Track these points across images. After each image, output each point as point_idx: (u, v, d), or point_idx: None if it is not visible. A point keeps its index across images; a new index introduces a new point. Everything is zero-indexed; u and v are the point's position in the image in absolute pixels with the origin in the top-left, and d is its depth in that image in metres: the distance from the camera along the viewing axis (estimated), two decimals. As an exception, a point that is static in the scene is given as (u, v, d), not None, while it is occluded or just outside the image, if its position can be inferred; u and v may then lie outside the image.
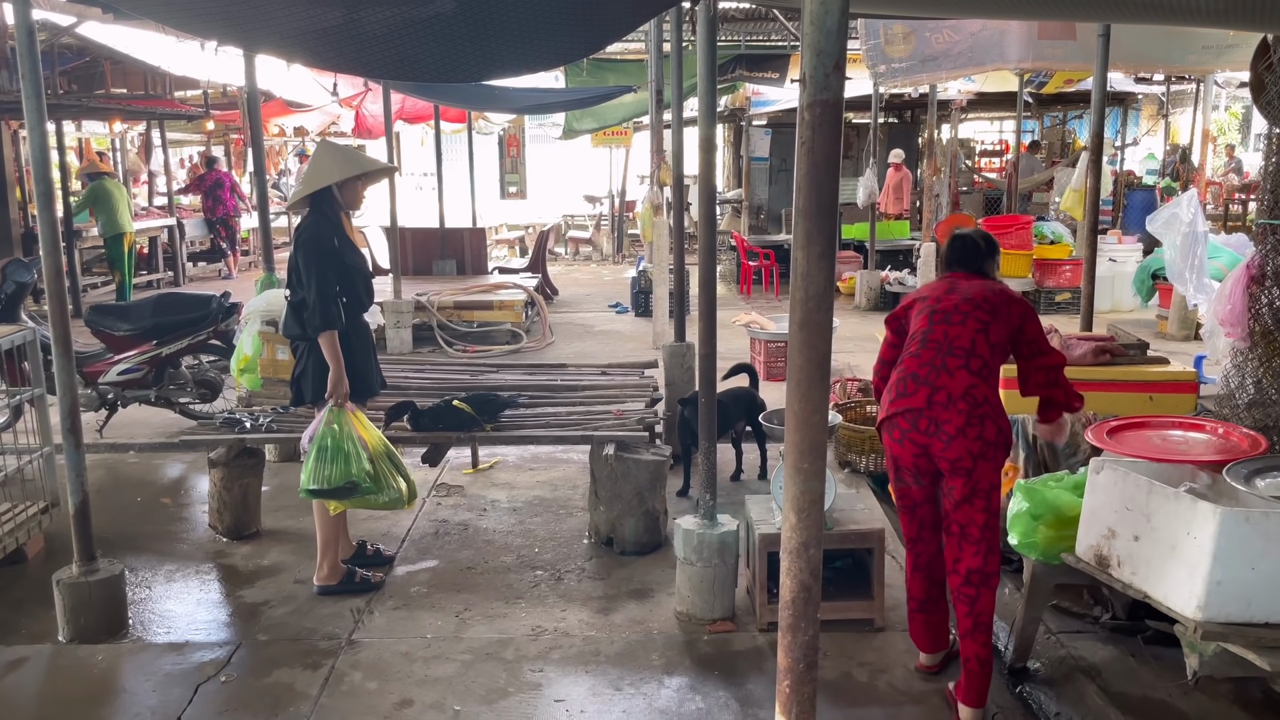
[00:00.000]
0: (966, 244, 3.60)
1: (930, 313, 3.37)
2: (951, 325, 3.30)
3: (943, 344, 3.28)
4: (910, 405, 3.24)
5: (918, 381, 3.25)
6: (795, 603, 1.72)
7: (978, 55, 8.72)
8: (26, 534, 4.63)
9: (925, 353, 3.29)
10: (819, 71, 1.54)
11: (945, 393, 3.20)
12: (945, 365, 3.23)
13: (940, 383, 3.21)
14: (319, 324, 3.98)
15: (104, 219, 11.41)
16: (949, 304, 3.37)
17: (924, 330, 3.35)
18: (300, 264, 4.00)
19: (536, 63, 4.28)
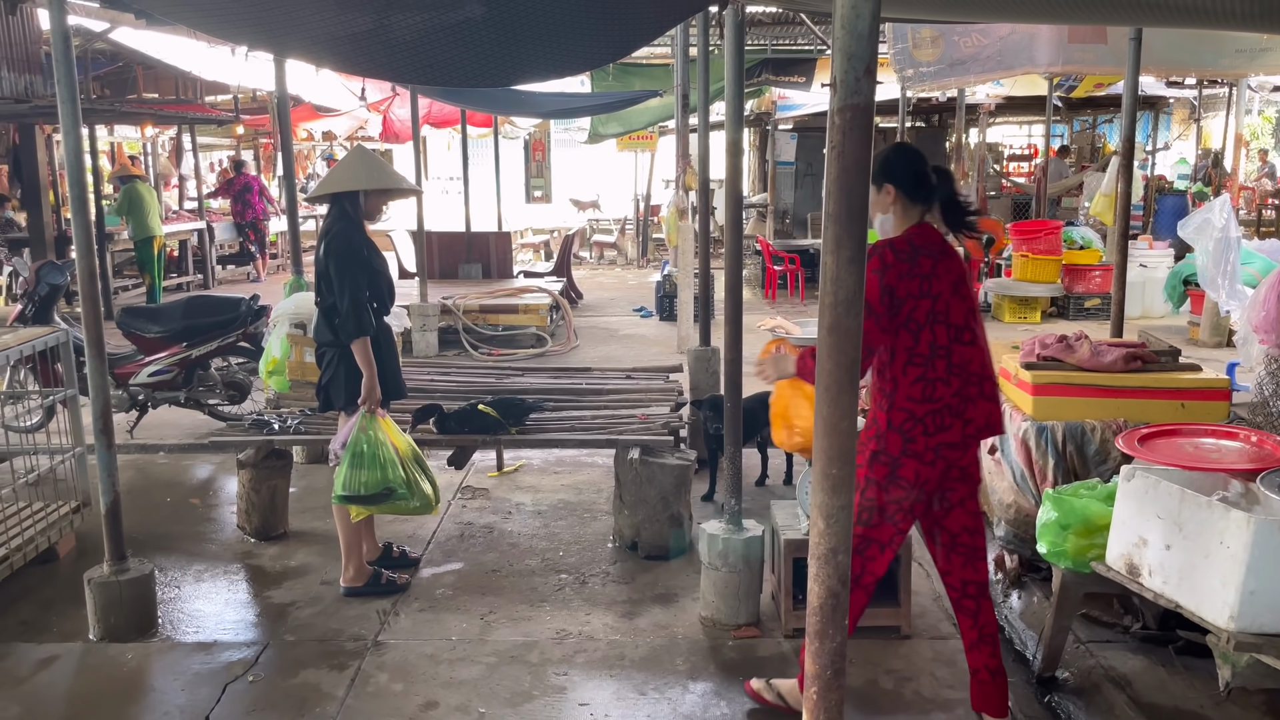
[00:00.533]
0: (948, 176, 3.18)
1: (947, 325, 3.03)
2: (965, 345, 3.06)
3: (965, 367, 3.06)
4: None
5: (953, 415, 3.04)
6: (823, 609, 1.71)
7: (1007, 59, 8.66)
8: (58, 533, 4.69)
9: (954, 379, 3.04)
10: (850, 76, 1.54)
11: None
12: (968, 394, 3.07)
13: (970, 414, 3.07)
14: (353, 331, 4.00)
15: (135, 222, 11.54)
16: (959, 315, 3.04)
17: (945, 348, 3.02)
18: (333, 270, 4.01)
19: (564, 68, 4.29)
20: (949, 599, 3.28)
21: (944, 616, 4.04)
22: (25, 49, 10.89)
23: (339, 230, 4.06)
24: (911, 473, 3.04)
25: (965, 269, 3.14)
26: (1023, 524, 4.33)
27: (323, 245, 4.09)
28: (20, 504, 4.71)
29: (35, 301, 6.59)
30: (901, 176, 3.08)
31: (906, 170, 3.09)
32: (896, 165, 3.11)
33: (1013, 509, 4.39)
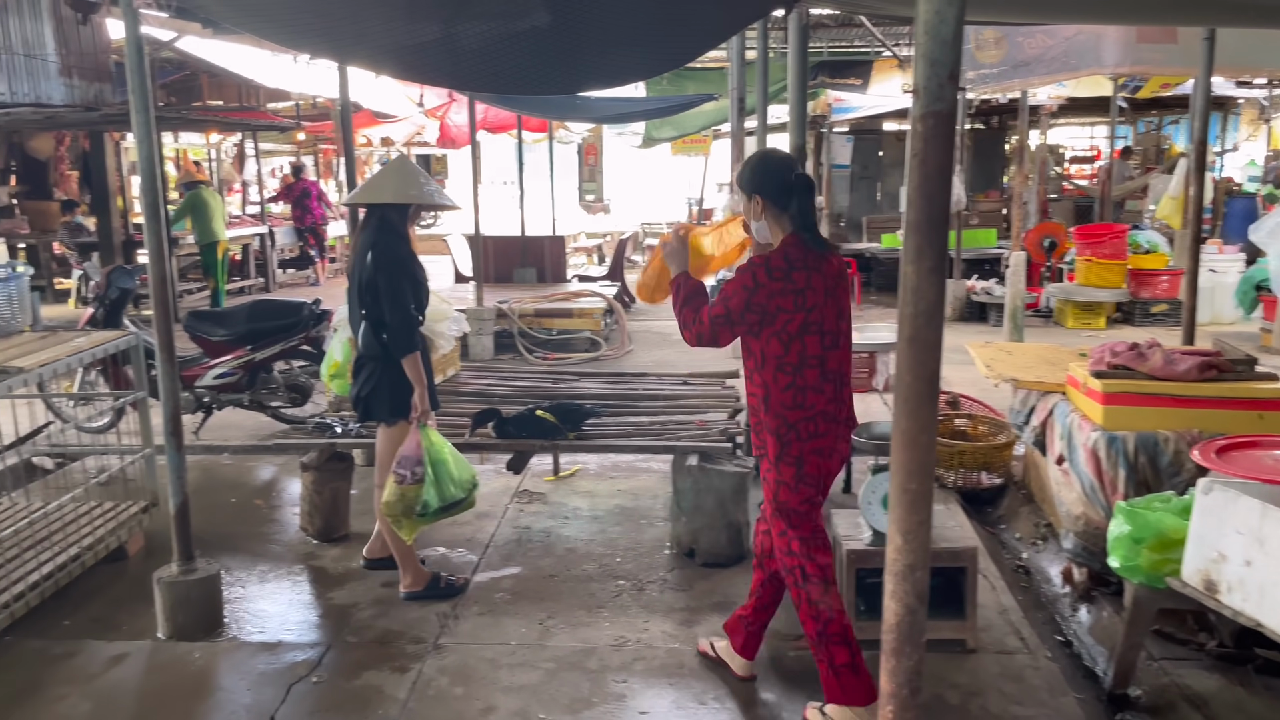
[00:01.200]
0: (807, 184, 3.17)
1: (820, 333, 3.12)
2: (836, 350, 3.18)
3: (837, 374, 3.20)
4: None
5: (828, 420, 3.19)
6: (900, 627, 1.67)
7: (1072, 60, 8.49)
8: (128, 532, 4.79)
9: (828, 386, 3.16)
10: (933, 82, 1.50)
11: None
12: (842, 398, 3.24)
13: (845, 416, 3.27)
14: (405, 347, 4.01)
15: (199, 227, 11.78)
16: (832, 320, 3.14)
17: (819, 357, 3.12)
18: (382, 285, 3.99)
19: (627, 75, 4.30)
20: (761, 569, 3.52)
21: (1010, 630, 3.95)
22: (95, 58, 11.22)
23: (387, 244, 4.03)
24: (814, 468, 3.19)
25: (842, 268, 3.20)
26: (1092, 536, 4.23)
27: (369, 256, 4.03)
28: (91, 503, 4.83)
29: (106, 305, 6.75)
30: (766, 186, 3.12)
31: (770, 179, 3.13)
32: (760, 175, 3.14)
33: (1081, 520, 4.29)
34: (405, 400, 4.12)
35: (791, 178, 3.13)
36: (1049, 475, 4.82)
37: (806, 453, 3.15)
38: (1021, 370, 5.09)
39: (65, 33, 10.71)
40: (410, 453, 4.06)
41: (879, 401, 7.54)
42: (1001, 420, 5.77)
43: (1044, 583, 4.59)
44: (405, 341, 4.02)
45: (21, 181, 13.80)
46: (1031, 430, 4.99)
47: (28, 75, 10.14)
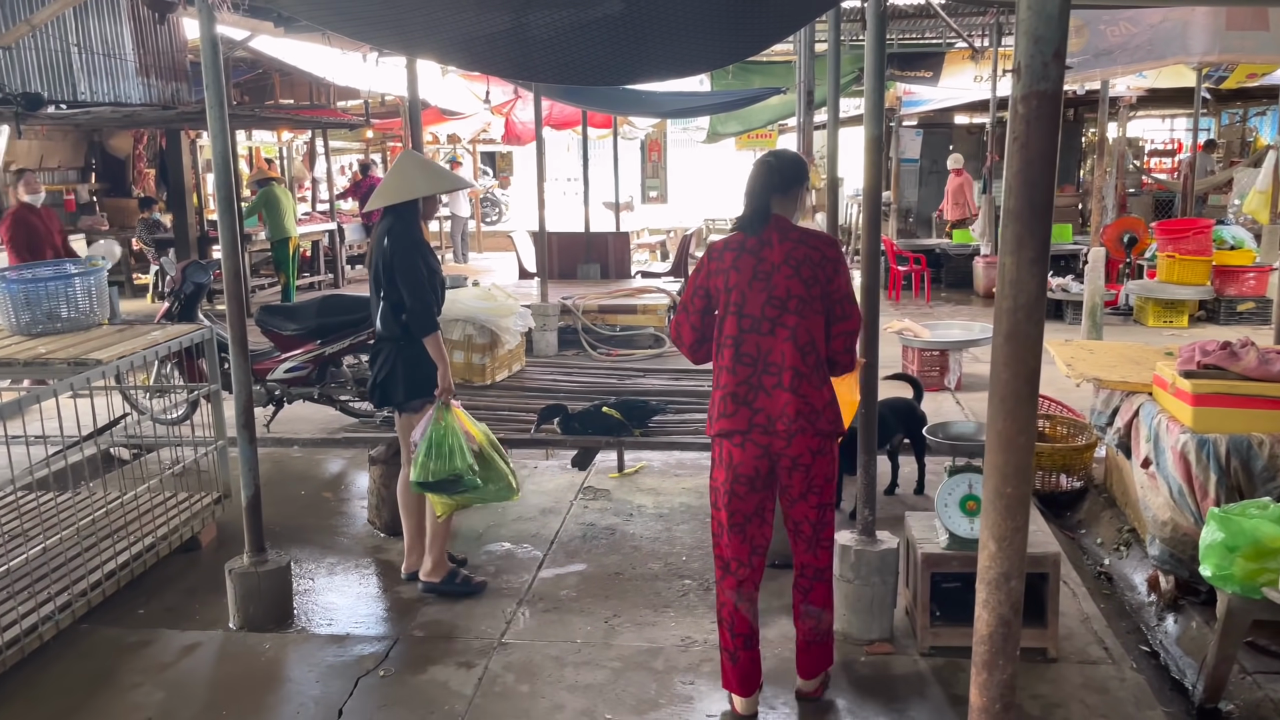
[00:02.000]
0: (768, 171, 3.22)
1: (739, 315, 3.14)
2: (762, 336, 3.14)
3: (757, 358, 3.14)
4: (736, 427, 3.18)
5: (737, 402, 3.15)
6: (993, 638, 1.59)
7: (1157, 48, 8.18)
8: (201, 523, 4.86)
9: (741, 369, 3.15)
10: (1037, 60, 1.41)
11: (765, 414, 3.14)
12: (763, 385, 3.14)
13: (761, 403, 3.14)
14: (425, 327, 4.02)
15: (271, 223, 11.99)
16: (754, 305, 3.12)
17: (734, 338, 3.15)
18: (399, 266, 4.02)
19: (696, 65, 4.23)
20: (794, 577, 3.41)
21: (1093, 639, 3.80)
22: (172, 57, 11.48)
23: (401, 229, 4.07)
24: (725, 454, 3.20)
25: (788, 257, 3.14)
26: (1180, 543, 4.05)
27: (385, 243, 4.07)
28: (166, 494, 4.91)
29: (181, 300, 6.88)
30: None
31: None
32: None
33: (1169, 527, 4.11)
34: (421, 383, 4.12)
35: (753, 169, 3.28)
36: (1133, 479, 4.63)
37: (719, 434, 3.21)
38: (1104, 369, 4.91)
39: (143, 33, 10.97)
40: (421, 427, 4.09)
41: (951, 400, 7.36)
42: (1081, 421, 5.58)
43: (1127, 590, 4.42)
44: (426, 321, 4.03)
45: (101, 179, 14.21)
46: (1115, 432, 4.81)
47: (107, 75, 10.40)
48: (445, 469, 4.03)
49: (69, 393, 3.97)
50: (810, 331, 3.14)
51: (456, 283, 6.91)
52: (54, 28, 9.60)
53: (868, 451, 3.84)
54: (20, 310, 5.06)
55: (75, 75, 9.95)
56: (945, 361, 7.68)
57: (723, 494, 3.25)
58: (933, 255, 13.07)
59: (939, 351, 7.68)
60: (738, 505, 3.23)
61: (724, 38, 3.39)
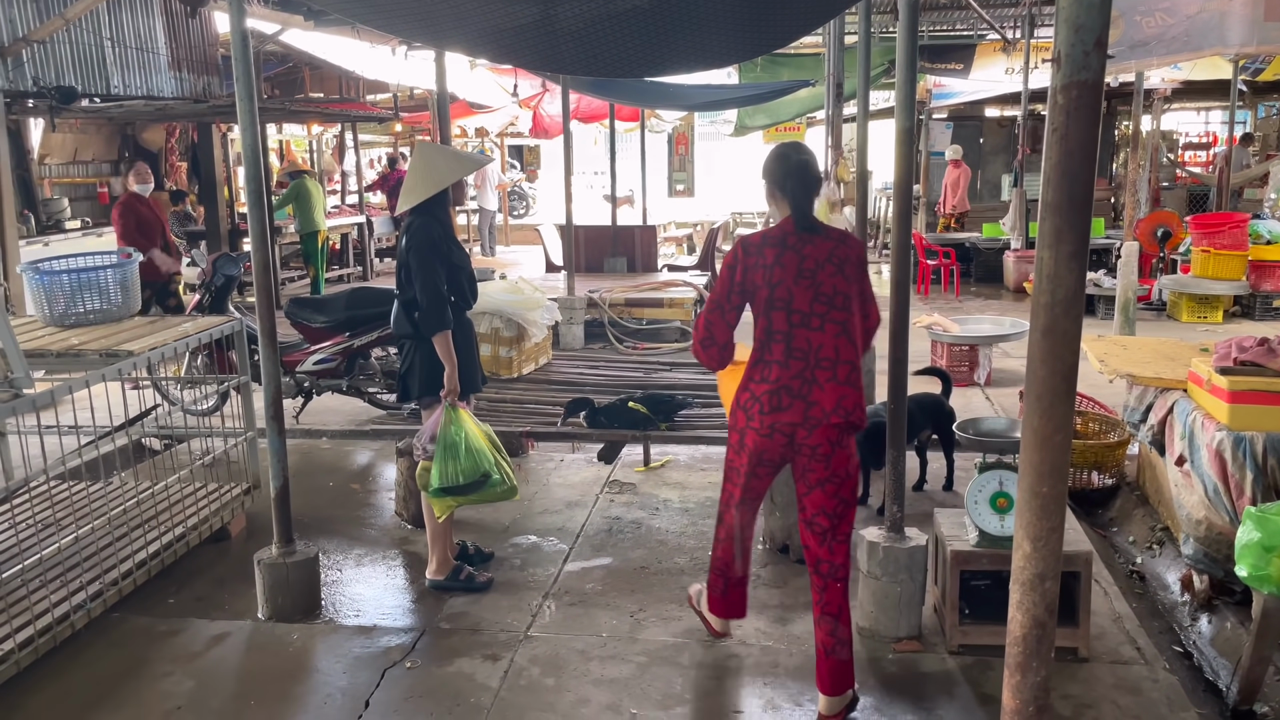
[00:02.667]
0: (810, 175, 3.29)
1: (787, 310, 3.19)
2: (812, 331, 3.20)
3: (808, 352, 3.20)
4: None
5: (792, 395, 3.20)
6: (1027, 640, 1.56)
7: (1194, 39, 8.04)
8: (230, 513, 4.90)
9: (794, 363, 3.20)
10: (1077, 49, 1.38)
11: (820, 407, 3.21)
12: (816, 379, 3.20)
13: (815, 396, 3.20)
14: (434, 325, 4.01)
15: (301, 216, 12.06)
16: (803, 301, 3.18)
17: (784, 333, 3.19)
18: (412, 264, 4.03)
19: (727, 57, 4.20)
20: (810, 571, 3.38)
21: (1125, 639, 3.75)
22: (203, 51, 11.56)
23: (419, 226, 4.06)
24: (751, 443, 3.27)
25: (841, 251, 3.25)
26: (1214, 543, 3.99)
27: (403, 240, 4.10)
28: (196, 484, 4.95)
29: (211, 292, 6.94)
30: (771, 174, 3.34)
31: (773, 168, 3.34)
32: (768, 164, 3.36)
33: (1203, 526, 4.04)
34: (436, 380, 4.11)
35: (785, 165, 3.31)
36: (1167, 476, 4.56)
37: (765, 427, 3.22)
38: (1138, 365, 4.83)
39: (175, 27, 11.06)
40: (428, 429, 4.08)
41: (980, 396, 7.29)
42: (1114, 418, 5.50)
43: (1160, 590, 4.36)
44: (435, 320, 4.01)
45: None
46: (1148, 429, 4.74)
47: (140, 69, 10.50)
48: (472, 470, 4.03)
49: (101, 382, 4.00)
50: (853, 327, 3.24)
51: (484, 276, 6.91)
52: (87, 22, 9.70)
53: (896, 447, 3.80)
54: (53, 301, 5.12)
55: (108, 69, 10.05)
56: (975, 357, 7.61)
57: (743, 474, 3.36)
58: (962, 249, 12.95)
59: (968, 346, 7.61)
60: (755, 485, 3.40)
61: (753, 29, 3.36)
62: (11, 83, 8.74)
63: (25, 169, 11.48)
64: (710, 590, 3.69)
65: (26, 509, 4.62)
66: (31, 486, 4.83)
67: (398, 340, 4.32)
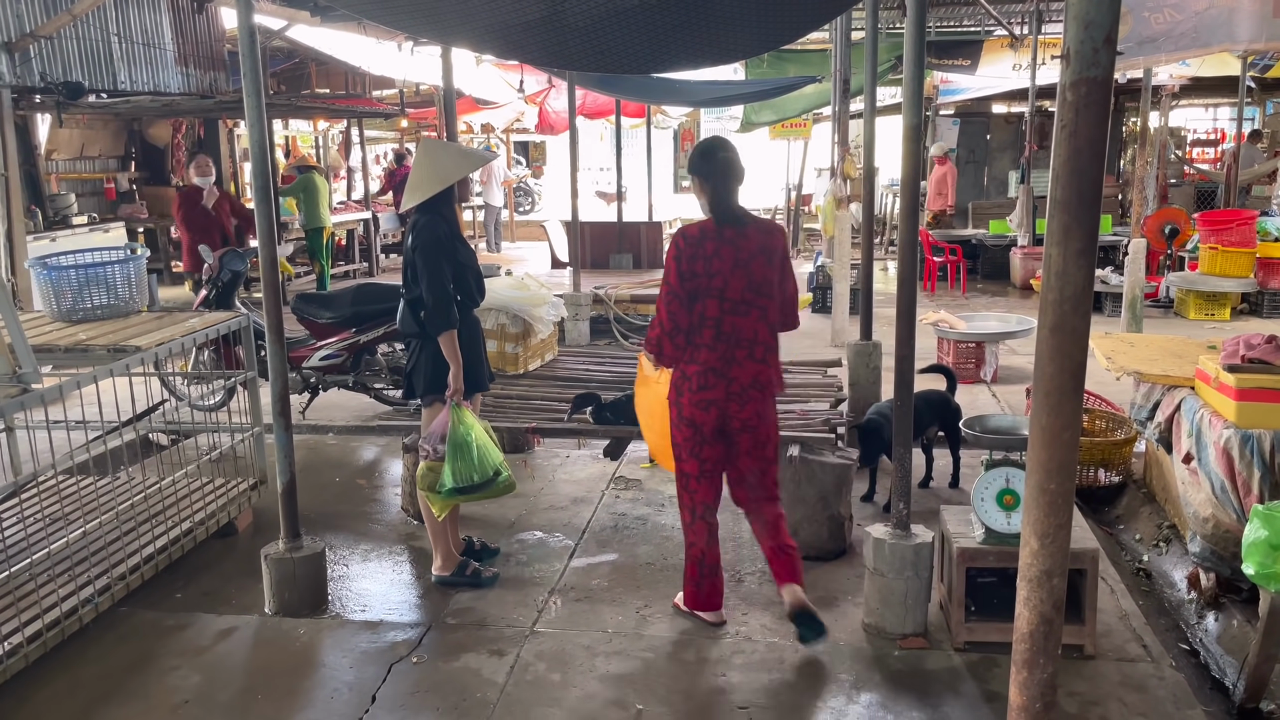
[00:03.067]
0: (734, 168, 3.62)
1: (720, 299, 3.54)
2: (739, 316, 3.57)
3: (733, 335, 3.59)
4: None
5: (717, 375, 3.61)
6: (1034, 636, 1.56)
7: (1202, 35, 7.99)
8: (237, 508, 4.92)
9: (720, 345, 3.59)
10: (1087, 46, 1.37)
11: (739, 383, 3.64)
12: (735, 358, 3.61)
13: (734, 374, 3.62)
14: (439, 324, 4.00)
15: (307, 212, 12.07)
16: (735, 290, 3.53)
17: (715, 319, 3.56)
18: (419, 263, 4.01)
19: (734, 53, 4.19)
20: (751, 523, 3.91)
21: (1131, 637, 3.75)
22: (210, 47, 11.58)
23: (425, 224, 4.05)
24: (689, 414, 3.67)
25: (768, 241, 3.61)
26: (1222, 540, 3.98)
27: (409, 238, 4.08)
28: (203, 479, 4.97)
29: (218, 287, 6.95)
30: (696, 168, 3.65)
31: (698, 162, 3.65)
32: (693, 158, 3.68)
33: (1210, 523, 4.03)
34: (442, 379, 4.10)
35: (711, 161, 3.62)
36: (1174, 474, 4.55)
37: (693, 404, 3.64)
38: (1145, 363, 4.82)
39: (181, 22, 11.08)
40: (436, 429, 4.06)
41: (987, 393, 7.28)
42: (1120, 415, 5.50)
43: (1167, 587, 4.35)
44: (441, 319, 4.00)
45: (141, 168, 14.37)
46: (1155, 426, 4.73)
47: (146, 64, 10.52)
48: (486, 468, 4.03)
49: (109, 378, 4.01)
50: (773, 311, 3.65)
51: (490, 272, 6.91)
52: (95, 17, 9.71)
53: (904, 444, 3.80)
54: (61, 297, 5.13)
55: (115, 64, 10.07)
56: (981, 354, 7.60)
57: (690, 447, 3.73)
58: (969, 246, 12.92)
59: (975, 344, 7.60)
60: (708, 453, 3.74)
61: (760, 25, 3.35)
62: (19, 78, 8.76)
63: (32, 164, 11.50)
64: (688, 584, 3.93)
65: (35, 504, 4.64)
66: (39, 481, 4.84)
67: (404, 338, 4.31)
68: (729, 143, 3.74)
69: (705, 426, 3.67)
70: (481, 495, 4.13)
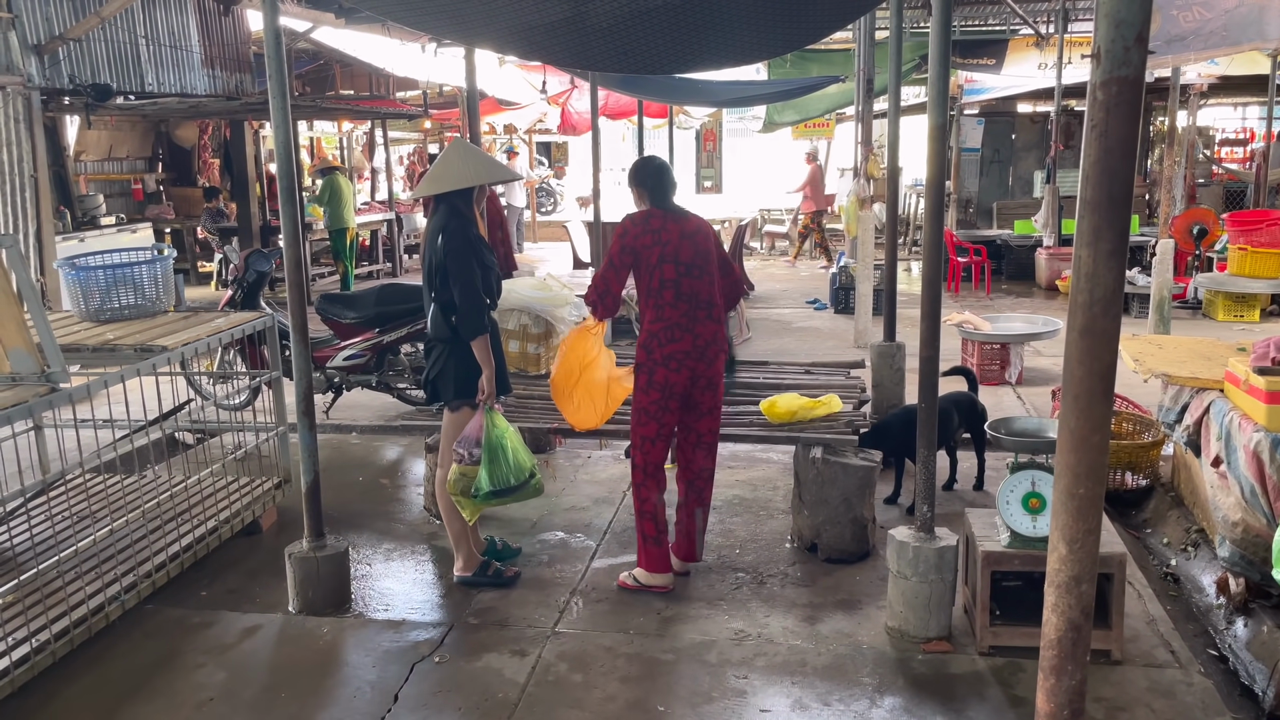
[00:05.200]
0: (668, 176, 4.21)
1: (675, 263, 4.06)
2: (695, 280, 4.08)
3: (693, 296, 4.08)
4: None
5: (683, 330, 4.07)
6: (1062, 643, 1.54)
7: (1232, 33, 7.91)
8: (262, 507, 4.95)
9: (682, 304, 4.06)
10: (1118, 45, 1.36)
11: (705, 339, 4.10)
12: (698, 317, 4.08)
13: (699, 330, 4.08)
14: (475, 328, 3.98)
15: (332, 212, 12.15)
16: (687, 255, 4.07)
17: (674, 280, 4.06)
18: (451, 268, 3.98)
19: (757, 53, 4.19)
20: (683, 479, 4.33)
21: (1159, 642, 3.71)
22: (236, 49, 11.67)
23: (455, 228, 4.02)
24: (661, 378, 4.08)
25: (702, 226, 4.19)
26: (1251, 545, 3.92)
27: (439, 241, 4.02)
28: (228, 478, 5.00)
29: (244, 287, 6.99)
30: (635, 180, 4.24)
31: (636, 176, 4.25)
32: (632, 173, 4.27)
33: (1239, 528, 3.97)
34: (470, 384, 4.09)
35: (646, 172, 4.23)
36: (1203, 478, 4.49)
37: (663, 358, 4.06)
38: (1173, 365, 4.76)
39: (208, 25, 11.17)
40: (471, 433, 4.05)
41: (1012, 395, 7.22)
42: (1148, 418, 5.43)
43: (1195, 592, 4.30)
44: (474, 323, 3.99)
45: (168, 169, 14.51)
46: (1183, 429, 4.67)
47: (173, 66, 10.61)
48: (521, 470, 4.04)
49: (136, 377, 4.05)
50: (716, 281, 4.16)
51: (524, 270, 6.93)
52: (122, 20, 9.81)
53: (928, 446, 3.77)
54: (89, 297, 5.18)
55: (143, 66, 10.17)
56: (1006, 355, 7.54)
57: (657, 411, 4.13)
58: (993, 246, 12.83)
59: (1000, 345, 7.54)
60: (669, 419, 4.16)
61: (783, 26, 3.34)
62: (48, 80, 8.86)
63: (61, 165, 11.64)
64: (645, 543, 4.23)
65: (63, 502, 4.69)
66: (67, 479, 4.90)
67: (428, 341, 4.29)
68: (661, 160, 4.38)
69: (676, 388, 4.08)
70: (515, 498, 4.14)
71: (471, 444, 4.05)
